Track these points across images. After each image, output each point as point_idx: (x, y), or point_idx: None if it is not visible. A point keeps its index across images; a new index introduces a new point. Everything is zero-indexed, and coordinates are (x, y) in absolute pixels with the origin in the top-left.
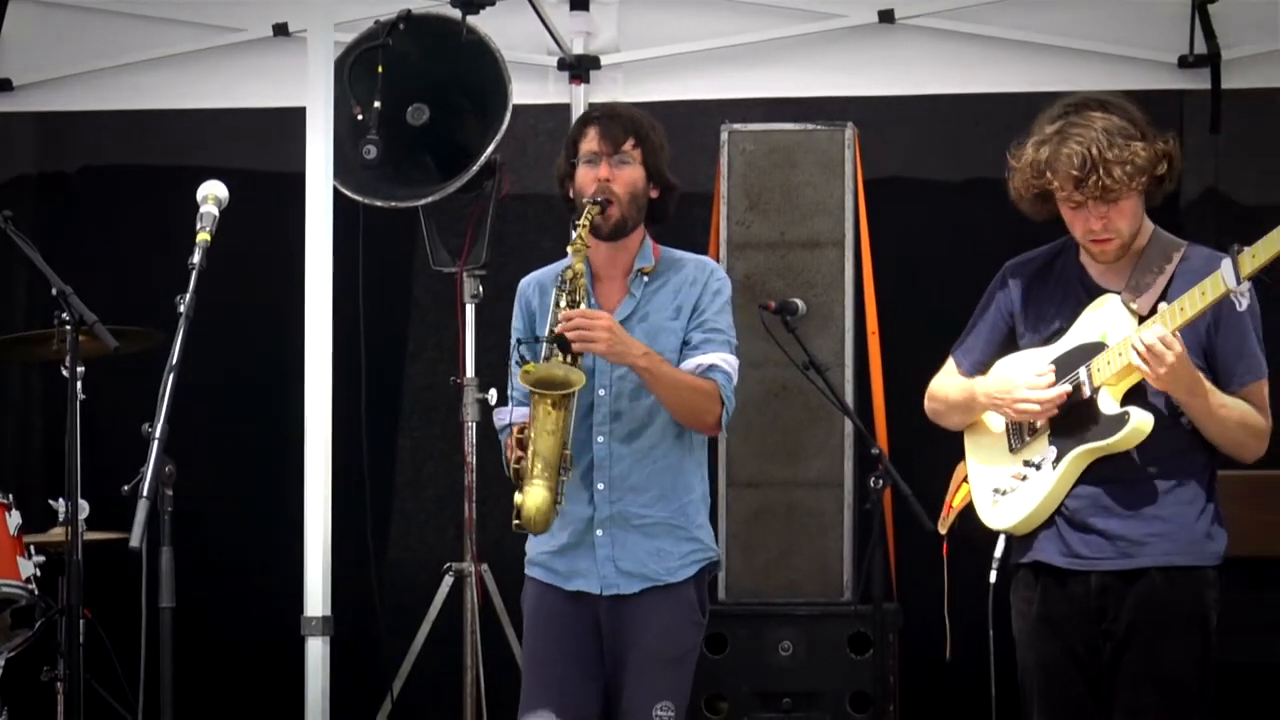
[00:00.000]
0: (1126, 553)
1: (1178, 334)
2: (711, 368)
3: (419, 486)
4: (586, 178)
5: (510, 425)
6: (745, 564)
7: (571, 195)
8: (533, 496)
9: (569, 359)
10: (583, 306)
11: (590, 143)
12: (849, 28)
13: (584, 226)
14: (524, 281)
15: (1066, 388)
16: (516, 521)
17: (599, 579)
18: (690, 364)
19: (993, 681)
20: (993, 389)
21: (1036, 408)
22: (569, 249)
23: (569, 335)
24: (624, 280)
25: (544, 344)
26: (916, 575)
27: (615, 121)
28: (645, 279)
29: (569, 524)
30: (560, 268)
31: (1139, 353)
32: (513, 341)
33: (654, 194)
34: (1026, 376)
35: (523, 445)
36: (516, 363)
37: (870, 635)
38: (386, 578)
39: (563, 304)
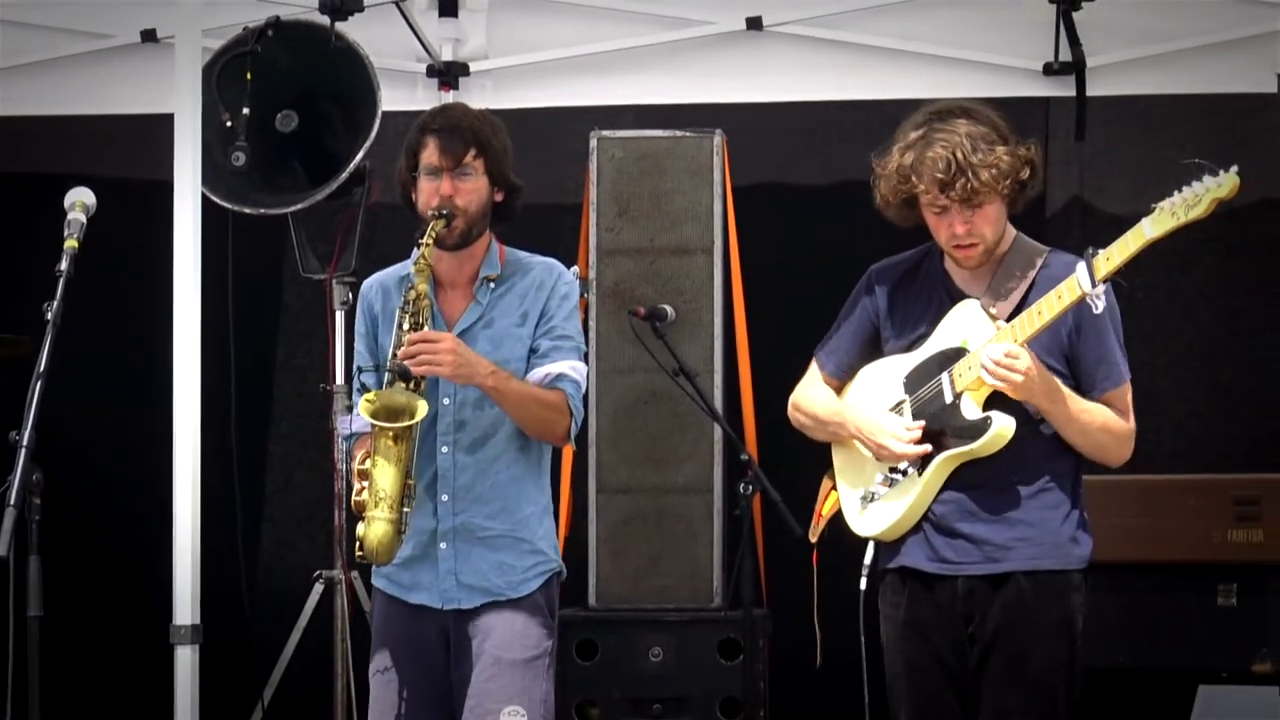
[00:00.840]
0: (993, 557)
1: (1026, 345)
2: (560, 377)
3: (289, 494)
4: (428, 191)
5: (354, 435)
6: (615, 570)
7: (414, 200)
8: (374, 530)
9: (411, 386)
10: (427, 328)
11: (430, 155)
12: (717, 35)
13: (427, 245)
14: (366, 284)
15: (927, 448)
16: (360, 554)
17: (439, 593)
18: (538, 373)
19: (865, 687)
20: (863, 427)
21: (896, 460)
22: (412, 268)
23: (412, 360)
24: (469, 288)
25: (386, 372)
26: (786, 581)
27: (455, 135)
28: (491, 285)
29: (412, 536)
30: (403, 271)
31: (987, 369)
32: (356, 351)
33: (498, 198)
34: (895, 425)
35: (365, 475)
36: (358, 390)
37: (740, 641)
38: (257, 585)
39: (405, 326)
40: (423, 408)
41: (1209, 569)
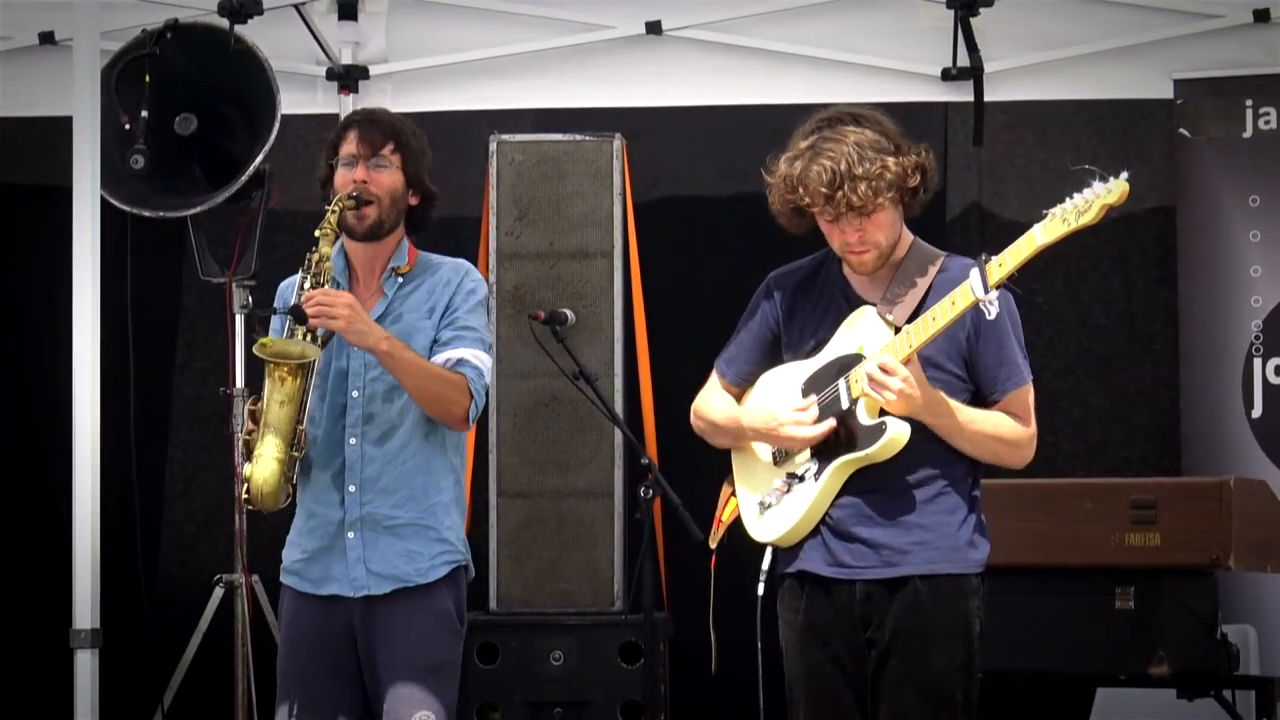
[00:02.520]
0: (890, 561)
1: (914, 359)
2: (460, 362)
3: (189, 497)
4: (344, 179)
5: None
6: (516, 574)
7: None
8: (261, 468)
9: (307, 335)
10: (327, 288)
11: (349, 145)
12: (617, 39)
13: (332, 213)
14: (283, 284)
15: (830, 424)
16: (245, 496)
17: (350, 581)
18: (439, 359)
19: (760, 692)
20: (758, 422)
21: (800, 444)
22: (316, 233)
23: (309, 310)
24: (379, 280)
25: (284, 317)
26: (687, 584)
27: (374, 126)
28: (399, 279)
29: (320, 527)
30: None
31: (867, 383)
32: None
33: (413, 201)
34: (790, 411)
35: (255, 418)
36: (254, 335)
37: (641, 644)
38: (157, 589)
39: (307, 285)
40: (316, 352)
41: (1106, 572)
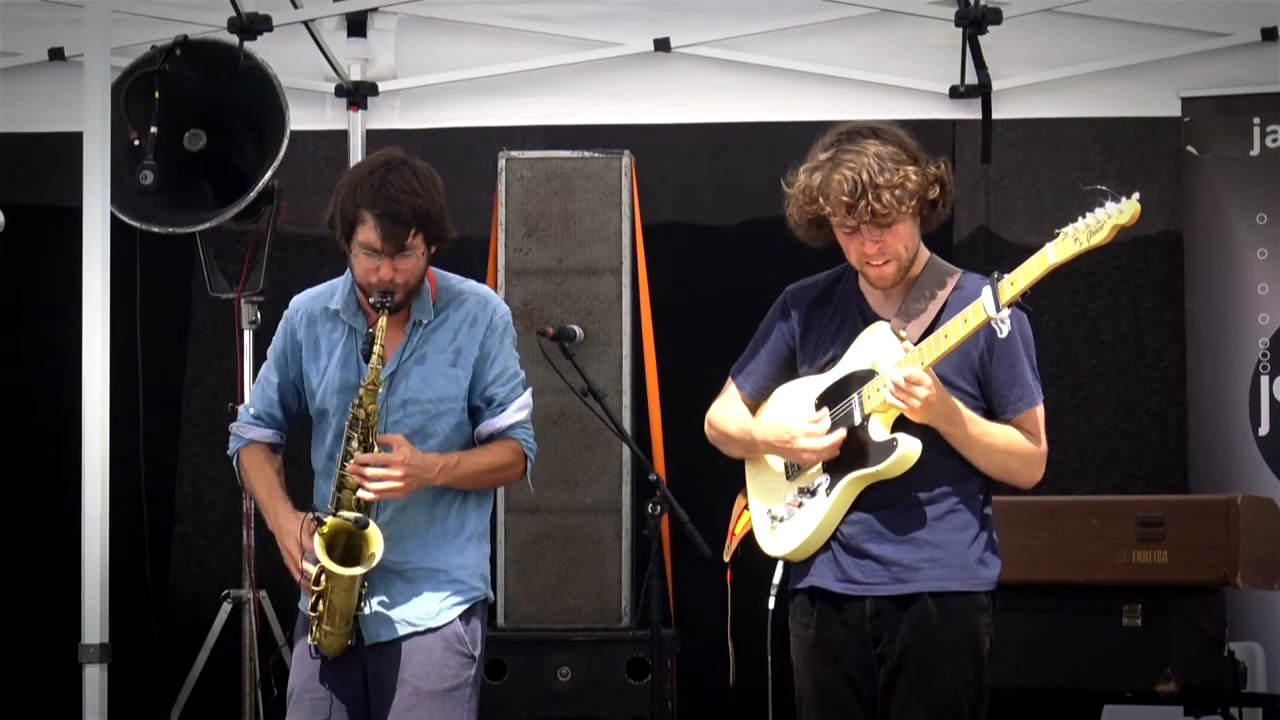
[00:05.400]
0: (900, 578)
1: (930, 369)
2: (511, 427)
3: (199, 512)
4: (366, 268)
5: (251, 441)
6: (523, 590)
7: (344, 247)
8: (329, 642)
9: (355, 499)
10: (376, 448)
11: (369, 237)
12: (626, 56)
13: (379, 346)
14: (294, 304)
15: (841, 434)
16: (316, 646)
17: (360, 629)
18: (490, 429)
19: (769, 706)
20: (771, 435)
21: (813, 456)
22: (369, 364)
23: (369, 489)
24: (403, 324)
25: (332, 494)
26: (694, 600)
27: (396, 221)
28: (424, 323)
29: None
30: (331, 299)
31: (890, 392)
32: (265, 365)
33: (434, 250)
34: (803, 423)
35: (319, 582)
36: (244, 408)
37: (648, 660)
38: (165, 604)
39: (354, 444)
40: (377, 541)
41: (1114, 589)
